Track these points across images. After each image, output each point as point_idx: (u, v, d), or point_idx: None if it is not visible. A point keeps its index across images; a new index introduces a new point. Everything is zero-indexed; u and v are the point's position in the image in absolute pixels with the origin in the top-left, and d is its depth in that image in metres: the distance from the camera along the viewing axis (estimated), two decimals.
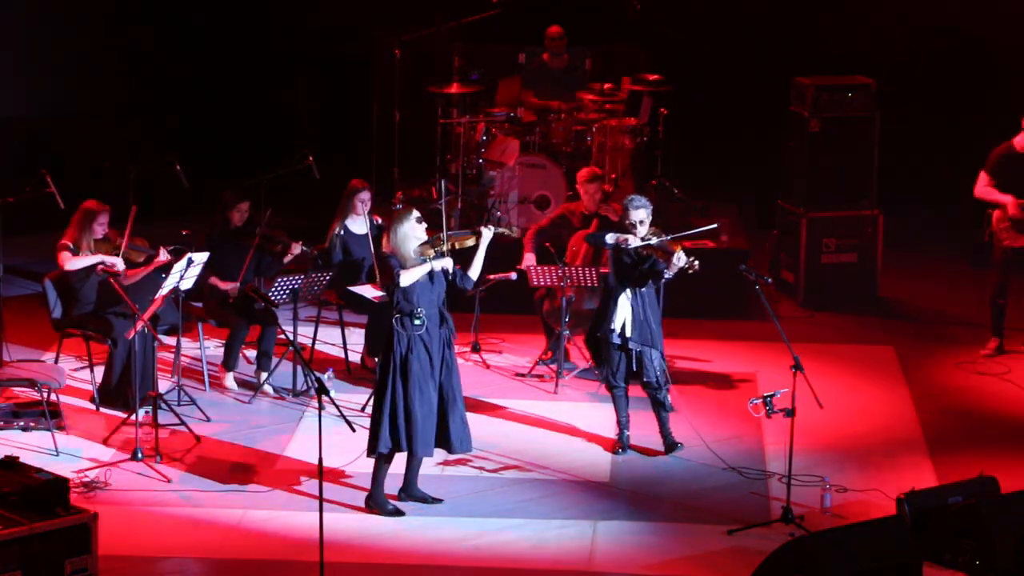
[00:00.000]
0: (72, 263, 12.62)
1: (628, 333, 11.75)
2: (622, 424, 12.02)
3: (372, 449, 10.93)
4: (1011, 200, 13.75)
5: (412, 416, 10.82)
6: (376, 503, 11.02)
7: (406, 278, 10.78)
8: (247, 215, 13.27)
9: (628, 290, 11.77)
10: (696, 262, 11.57)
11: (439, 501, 11.14)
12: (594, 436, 12.26)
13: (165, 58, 17.46)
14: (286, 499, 11.21)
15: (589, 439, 12.22)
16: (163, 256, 12.64)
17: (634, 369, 11.83)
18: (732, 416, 12.63)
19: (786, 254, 15.91)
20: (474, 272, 11.09)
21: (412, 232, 10.90)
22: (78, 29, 17.19)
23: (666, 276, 11.75)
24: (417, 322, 10.82)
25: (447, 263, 10.95)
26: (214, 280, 13.11)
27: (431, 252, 10.91)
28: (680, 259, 11.53)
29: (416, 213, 10.98)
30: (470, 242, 11.17)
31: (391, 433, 10.83)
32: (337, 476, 11.45)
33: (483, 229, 11.15)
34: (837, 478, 11.46)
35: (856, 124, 15.55)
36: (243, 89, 17.70)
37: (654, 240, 11.69)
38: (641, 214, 11.75)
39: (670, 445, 11.90)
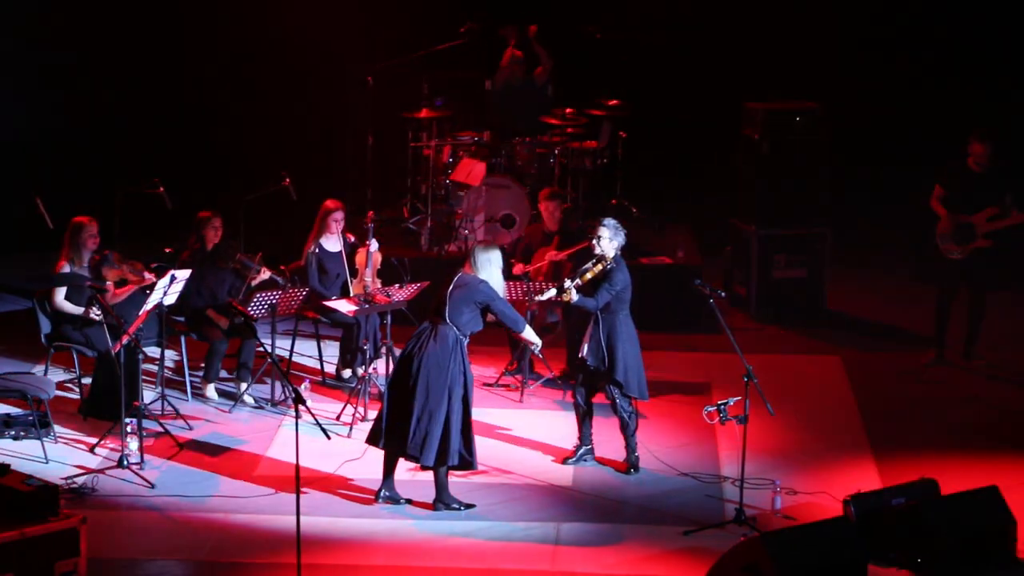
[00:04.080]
0: (62, 305, 12.62)
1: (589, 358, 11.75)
2: (583, 437, 12.06)
3: (444, 461, 10.94)
4: (944, 214, 13.86)
5: (469, 430, 10.98)
6: (446, 504, 11.07)
7: (529, 330, 11.30)
8: (221, 231, 13.27)
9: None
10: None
11: (472, 506, 11.17)
12: (557, 444, 12.28)
13: (147, 82, 17.47)
14: (265, 503, 11.21)
15: (553, 447, 12.24)
16: (147, 277, 12.66)
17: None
18: (688, 423, 12.67)
19: (738, 269, 15.99)
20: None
21: (498, 259, 11.12)
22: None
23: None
24: (465, 342, 10.99)
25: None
26: (211, 313, 13.12)
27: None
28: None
29: (499, 248, 11.26)
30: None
31: (451, 447, 10.91)
32: (313, 480, 11.46)
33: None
34: (787, 481, 11.52)
35: (804, 146, 15.63)
36: (224, 114, 17.70)
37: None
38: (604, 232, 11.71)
39: (631, 463, 11.87)
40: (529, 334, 11.43)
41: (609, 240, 11.62)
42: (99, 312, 12.40)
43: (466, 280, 11.01)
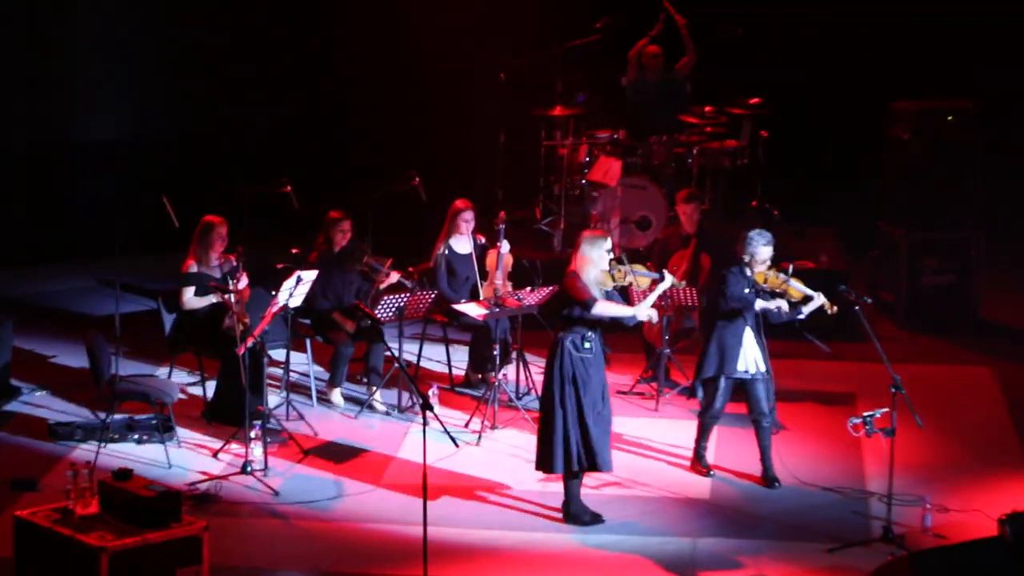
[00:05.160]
0: (191, 302, 12.70)
1: (759, 367, 11.59)
2: (704, 450, 11.88)
3: (556, 467, 10.83)
4: None
5: (589, 433, 10.79)
6: (574, 516, 10.96)
7: (603, 309, 10.76)
8: (349, 235, 13.27)
9: (750, 324, 11.55)
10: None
11: (600, 518, 11.05)
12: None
13: (281, 83, 17.60)
14: (392, 511, 11.18)
15: (689, 457, 12.08)
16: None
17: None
18: (831, 435, 12.49)
19: (885, 275, 15.76)
20: (647, 305, 11.05)
21: (601, 259, 10.84)
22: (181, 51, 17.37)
23: (802, 316, 11.62)
24: (587, 345, 10.81)
25: (652, 313, 10.95)
26: (338, 316, 13.13)
27: (609, 281, 10.91)
28: (820, 299, 11.46)
29: (609, 241, 10.92)
30: (645, 284, 11.19)
31: (571, 451, 10.77)
32: (441, 489, 11.41)
33: (666, 275, 11.18)
34: (938, 498, 11.29)
35: (957, 146, 15.36)
36: (353, 112, 17.77)
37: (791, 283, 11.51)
38: (769, 252, 11.52)
39: (770, 479, 11.70)
40: (625, 311, 10.92)
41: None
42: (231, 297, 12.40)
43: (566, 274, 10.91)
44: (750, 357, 11.53)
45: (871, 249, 16.06)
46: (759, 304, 11.44)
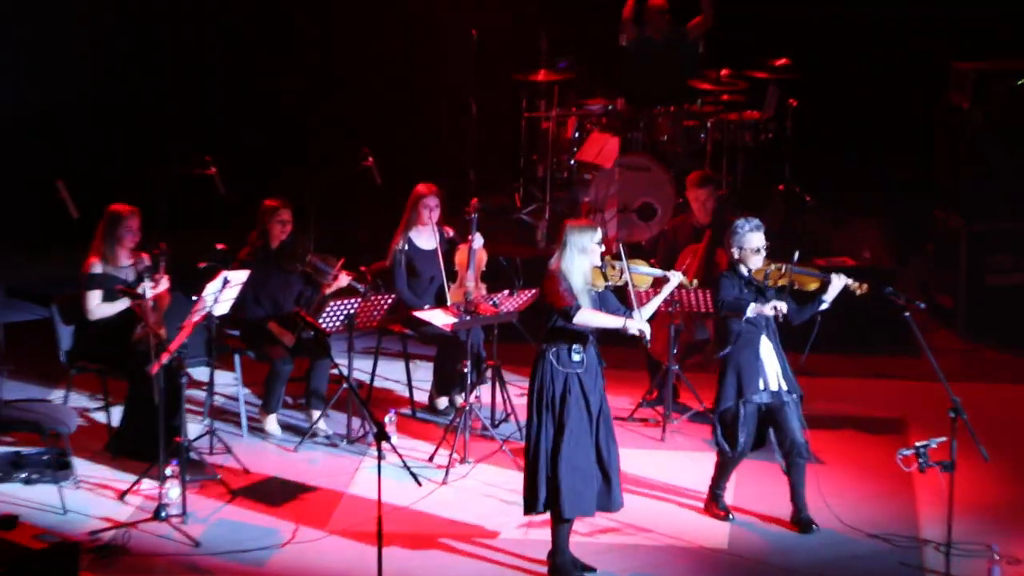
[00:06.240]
0: (98, 310, 12.65)
1: (782, 385, 11.56)
2: (722, 490, 11.87)
3: (531, 508, 10.82)
4: None
5: (559, 467, 10.71)
6: (559, 569, 10.91)
7: (586, 318, 10.68)
8: (289, 227, 13.25)
9: (764, 333, 11.57)
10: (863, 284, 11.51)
11: (592, 570, 11.03)
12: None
13: (208, 45, 17.61)
14: (340, 565, 11.14)
15: (703, 497, 12.07)
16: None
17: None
18: (877, 470, 12.53)
19: (942, 274, 15.83)
20: (645, 314, 11.00)
21: (588, 253, 10.77)
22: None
23: (825, 305, 11.62)
24: (576, 358, 10.76)
25: (644, 327, 10.86)
26: (274, 326, 13.11)
27: (601, 281, 10.87)
28: (841, 280, 11.46)
29: (600, 232, 10.86)
30: (645, 284, 11.21)
31: (555, 490, 10.73)
32: (398, 537, 11.36)
33: (673, 273, 11.21)
34: (1007, 547, 11.24)
35: None
36: (292, 77, 17.78)
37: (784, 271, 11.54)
38: (760, 239, 11.54)
39: (805, 522, 11.68)
40: (613, 321, 10.81)
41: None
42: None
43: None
44: (771, 372, 11.50)
45: (925, 242, 16.13)
46: (750, 310, 11.41)
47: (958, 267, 15.60)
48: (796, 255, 11.56)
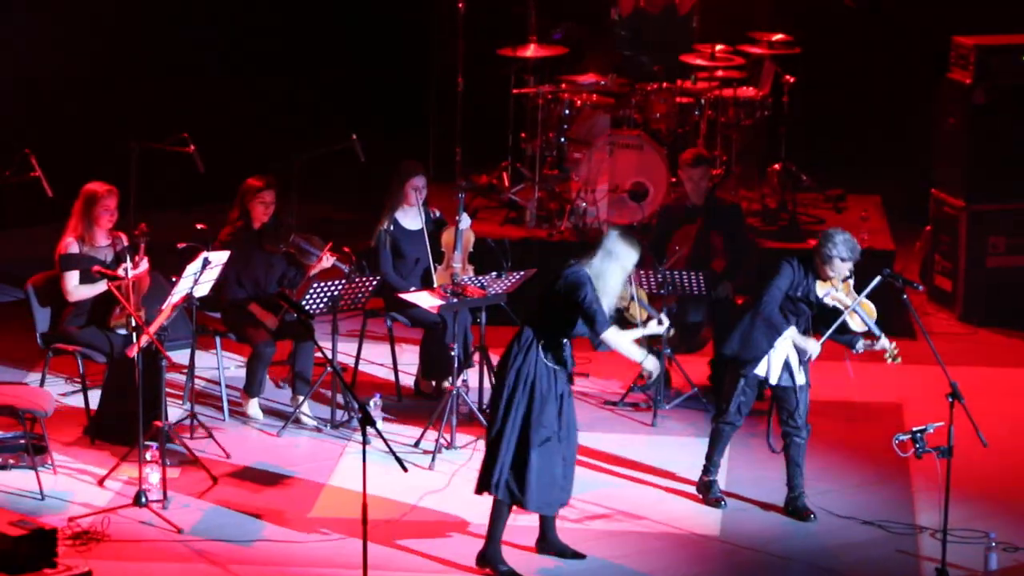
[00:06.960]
0: (76, 291, 12.69)
1: (792, 379, 11.66)
2: (716, 467, 11.94)
3: (483, 487, 10.90)
4: None
5: (528, 457, 10.78)
6: (486, 559, 10.99)
7: (613, 339, 10.88)
8: (272, 207, 13.28)
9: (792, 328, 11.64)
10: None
11: (581, 557, 11.10)
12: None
13: (179, 20, 17.56)
14: (323, 553, 11.19)
15: (695, 482, 12.15)
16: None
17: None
18: (873, 456, 12.57)
19: (942, 256, 15.86)
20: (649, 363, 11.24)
21: (623, 273, 10.90)
22: None
23: (857, 351, 11.73)
24: (566, 353, 10.88)
25: (655, 369, 11.20)
26: (256, 308, 13.16)
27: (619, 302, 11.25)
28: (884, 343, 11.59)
29: (638, 255, 10.98)
30: (639, 317, 11.64)
31: (493, 469, 10.81)
32: (383, 525, 11.44)
33: (663, 320, 11.53)
34: (1004, 534, 11.33)
35: None
36: (273, 55, 17.75)
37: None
38: (847, 271, 11.55)
39: (801, 510, 11.77)
40: (636, 353, 11.15)
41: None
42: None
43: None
44: (775, 364, 11.57)
45: (923, 223, 16.13)
46: (788, 334, 11.46)
47: (957, 249, 15.60)
48: (875, 281, 11.41)
